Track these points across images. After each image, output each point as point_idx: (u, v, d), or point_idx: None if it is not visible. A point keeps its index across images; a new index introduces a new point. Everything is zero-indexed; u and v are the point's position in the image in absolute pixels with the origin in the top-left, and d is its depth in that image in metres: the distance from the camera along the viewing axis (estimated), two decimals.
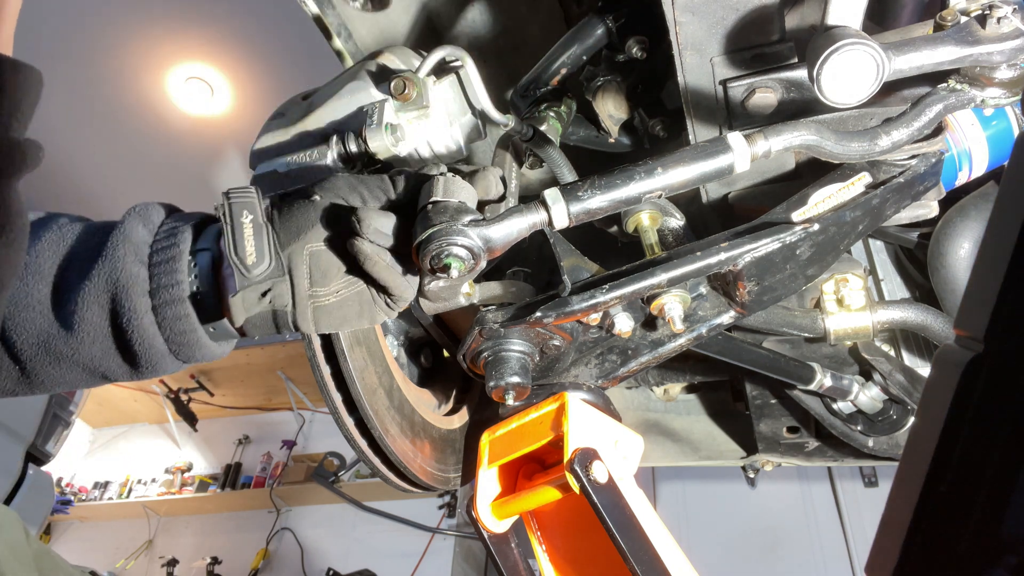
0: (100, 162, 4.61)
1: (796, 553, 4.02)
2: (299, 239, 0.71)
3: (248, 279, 0.69)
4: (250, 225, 0.69)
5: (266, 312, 0.71)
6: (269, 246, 0.70)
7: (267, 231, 0.70)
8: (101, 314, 0.66)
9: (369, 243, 0.70)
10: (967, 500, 0.46)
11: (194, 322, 0.69)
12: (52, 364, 0.67)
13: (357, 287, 0.74)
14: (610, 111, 1.34)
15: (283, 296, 0.71)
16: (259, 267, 0.69)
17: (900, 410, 1.31)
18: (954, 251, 1.18)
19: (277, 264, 0.70)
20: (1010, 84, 0.80)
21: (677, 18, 0.89)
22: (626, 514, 0.80)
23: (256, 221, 0.70)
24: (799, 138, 0.78)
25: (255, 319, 0.71)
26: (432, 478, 1.09)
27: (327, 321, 0.73)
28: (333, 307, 0.73)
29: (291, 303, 0.71)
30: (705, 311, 0.96)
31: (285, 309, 0.71)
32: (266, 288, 0.70)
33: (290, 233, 0.72)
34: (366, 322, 0.76)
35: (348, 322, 0.75)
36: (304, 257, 0.71)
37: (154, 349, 0.68)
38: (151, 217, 0.73)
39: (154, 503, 5.48)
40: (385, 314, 0.77)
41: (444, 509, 4.68)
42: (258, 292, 0.70)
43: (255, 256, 0.69)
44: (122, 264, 0.67)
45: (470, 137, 1.06)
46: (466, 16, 1.43)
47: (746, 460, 1.70)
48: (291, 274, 0.71)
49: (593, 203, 0.75)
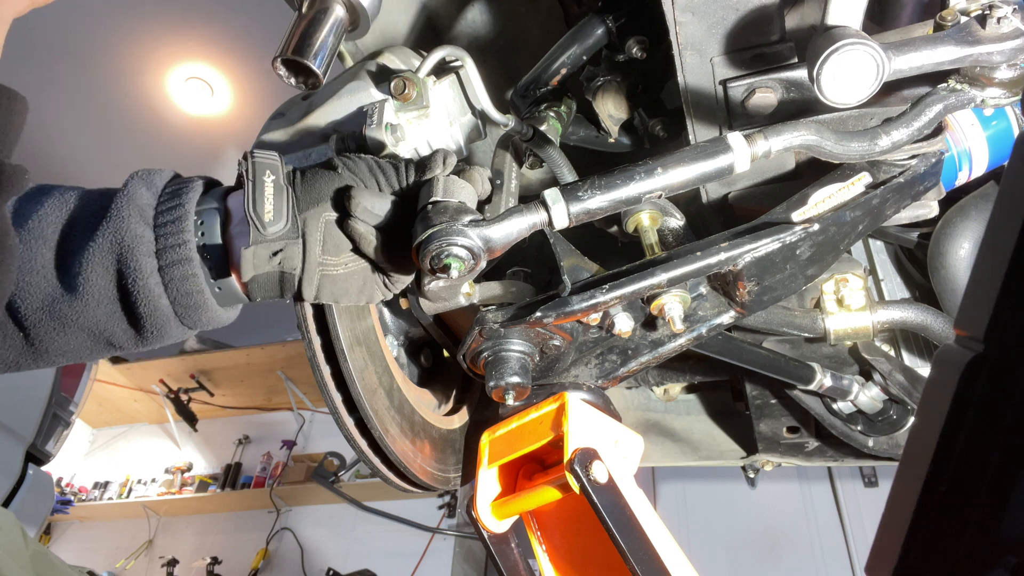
0: (100, 161, 4.62)
1: (796, 553, 4.02)
2: (317, 206, 0.72)
3: (263, 235, 0.69)
4: (271, 184, 0.70)
5: (274, 273, 0.71)
6: (287, 207, 0.70)
7: (287, 193, 0.71)
8: (106, 276, 0.66)
9: (363, 223, 0.71)
10: (967, 500, 0.46)
11: (201, 282, 0.69)
12: (57, 330, 0.66)
13: (363, 263, 0.75)
14: (610, 111, 1.34)
15: (293, 259, 0.71)
16: (275, 225, 0.69)
17: (900, 410, 1.31)
18: (954, 251, 1.18)
19: (293, 226, 0.70)
20: (1010, 84, 0.80)
21: (677, 18, 0.89)
22: (626, 514, 0.80)
23: (278, 182, 0.70)
24: (799, 138, 0.78)
25: (261, 278, 0.71)
26: (432, 478, 1.09)
27: (330, 290, 0.74)
28: (339, 278, 0.74)
29: (300, 267, 0.72)
30: (705, 311, 0.96)
31: (293, 272, 0.72)
32: (278, 248, 0.70)
33: (310, 199, 0.72)
34: (364, 299, 0.77)
35: (348, 295, 0.76)
36: (320, 224, 0.72)
37: (159, 311, 0.67)
38: (154, 180, 0.73)
39: (154, 503, 5.47)
40: (382, 294, 0.78)
41: (444, 509, 4.67)
42: (270, 251, 0.70)
43: (272, 214, 0.69)
44: (126, 225, 0.66)
45: (470, 137, 1.06)
46: (466, 16, 1.43)
47: (746, 460, 1.70)
48: (305, 238, 0.71)
49: (593, 203, 0.75)
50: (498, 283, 0.97)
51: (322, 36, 0.64)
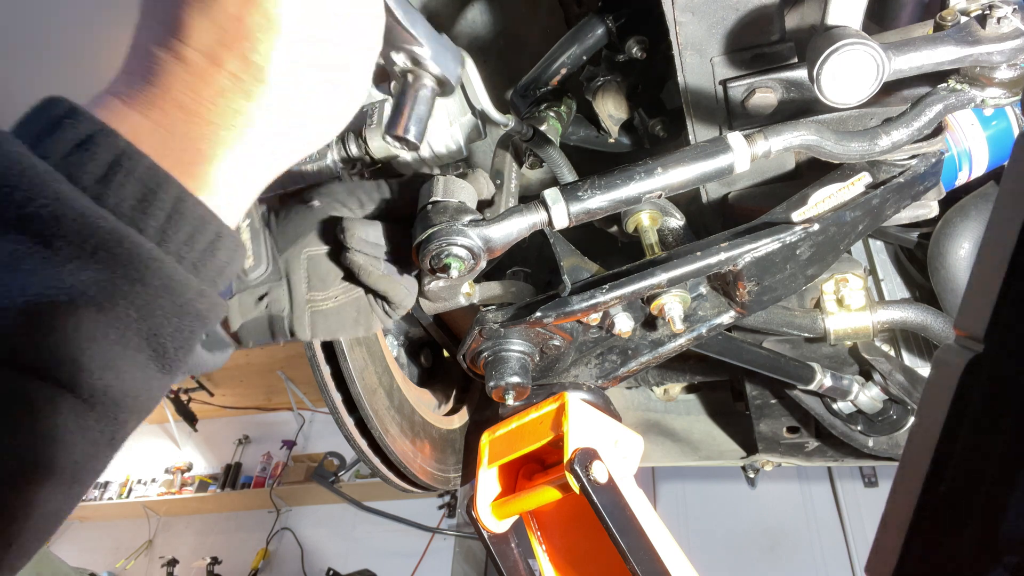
0: None
1: (796, 553, 4.02)
2: (296, 243, 0.71)
3: (245, 283, 0.68)
4: (247, 229, 0.69)
5: (262, 317, 0.70)
6: (266, 250, 0.69)
7: (264, 236, 0.70)
8: None
9: (362, 254, 0.70)
10: (967, 500, 0.46)
11: None
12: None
13: (355, 293, 0.73)
14: (610, 111, 1.34)
15: (280, 301, 0.70)
16: (256, 271, 0.68)
17: (900, 410, 1.31)
18: (954, 251, 1.18)
19: (274, 269, 0.70)
20: (1010, 84, 0.80)
21: (677, 18, 0.89)
22: (626, 514, 0.80)
23: (253, 225, 0.69)
24: (799, 138, 0.78)
25: (250, 325, 0.70)
26: (432, 478, 1.09)
27: (324, 326, 0.73)
28: (331, 312, 0.72)
29: (288, 307, 0.71)
30: (705, 311, 0.96)
31: (282, 314, 0.70)
32: (262, 292, 0.69)
33: (288, 238, 0.71)
34: (362, 330, 0.76)
35: (344, 329, 0.74)
36: (302, 262, 0.71)
37: None
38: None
39: (154, 503, 5.48)
40: (382, 321, 0.77)
41: (444, 509, 4.67)
42: (255, 296, 0.69)
43: (252, 260, 0.68)
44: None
45: (470, 137, 1.06)
46: (466, 16, 1.43)
47: (746, 460, 1.70)
48: (289, 279, 0.70)
49: (593, 203, 0.75)
50: (498, 283, 0.97)
51: (420, 111, 0.69)
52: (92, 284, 0.41)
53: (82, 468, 0.44)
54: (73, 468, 0.43)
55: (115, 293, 0.42)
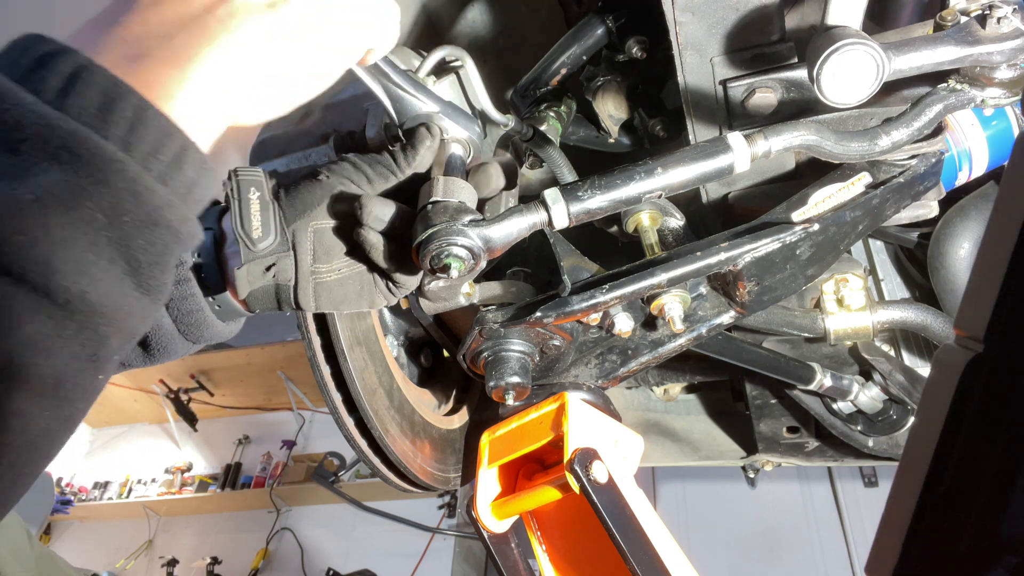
0: None
1: (796, 553, 4.02)
2: (304, 216, 0.73)
3: (253, 252, 0.70)
4: (257, 201, 0.71)
5: (269, 286, 0.73)
6: (275, 222, 0.71)
7: (273, 207, 0.72)
8: None
9: (374, 232, 0.72)
10: (967, 500, 0.46)
11: (200, 300, 0.70)
12: None
13: (358, 268, 0.76)
14: (610, 111, 1.34)
15: (287, 271, 0.72)
16: (264, 241, 0.70)
17: (900, 410, 1.31)
18: (954, 251, 1.18)
19: (282, 239, 0.72)
20: (1010, 84, 0.80)
21: (677, 18, 0.89)
22: (626, 514, 0.80)
23: (263, 198, 0.71)
24: (799, 138, 0.78)
25: (258, 293, 0.73)
26: (432, 478, 1.09)
27: (327, 298, 0.75)
28: (334, 284, 0.74)
29: (294, 278, 0.73)
30: (705, 311, 0.96)
31: (288, 284, 0.73)
32: (270, 262, 0.71)
33: (296, 210, 0.73)
34: (365, 304, 0.77)
35: (348, 302, 0.76)
36: (308, 234, 0.73)
37: (163, 330, 0.68)
38: None
39: (154, 503, 5.47)
40: (385, 299, 0.78)
41: (444, 509, 4.67)
42: (262, 266, 0.71)
43: (261, 230, 0.70)
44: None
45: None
46: (466, 16, 1.43)
47: (746, 460, 1.70)
48: (295, 249, 0.72)
49: (593, 203, 0.75)
50: (498, 283, 0.97)
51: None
52: (57, 183, 0.42)
53: (66, 381, 0.44)
54: (56, 378, 0.43)
55: (80, 193, 0.42)
